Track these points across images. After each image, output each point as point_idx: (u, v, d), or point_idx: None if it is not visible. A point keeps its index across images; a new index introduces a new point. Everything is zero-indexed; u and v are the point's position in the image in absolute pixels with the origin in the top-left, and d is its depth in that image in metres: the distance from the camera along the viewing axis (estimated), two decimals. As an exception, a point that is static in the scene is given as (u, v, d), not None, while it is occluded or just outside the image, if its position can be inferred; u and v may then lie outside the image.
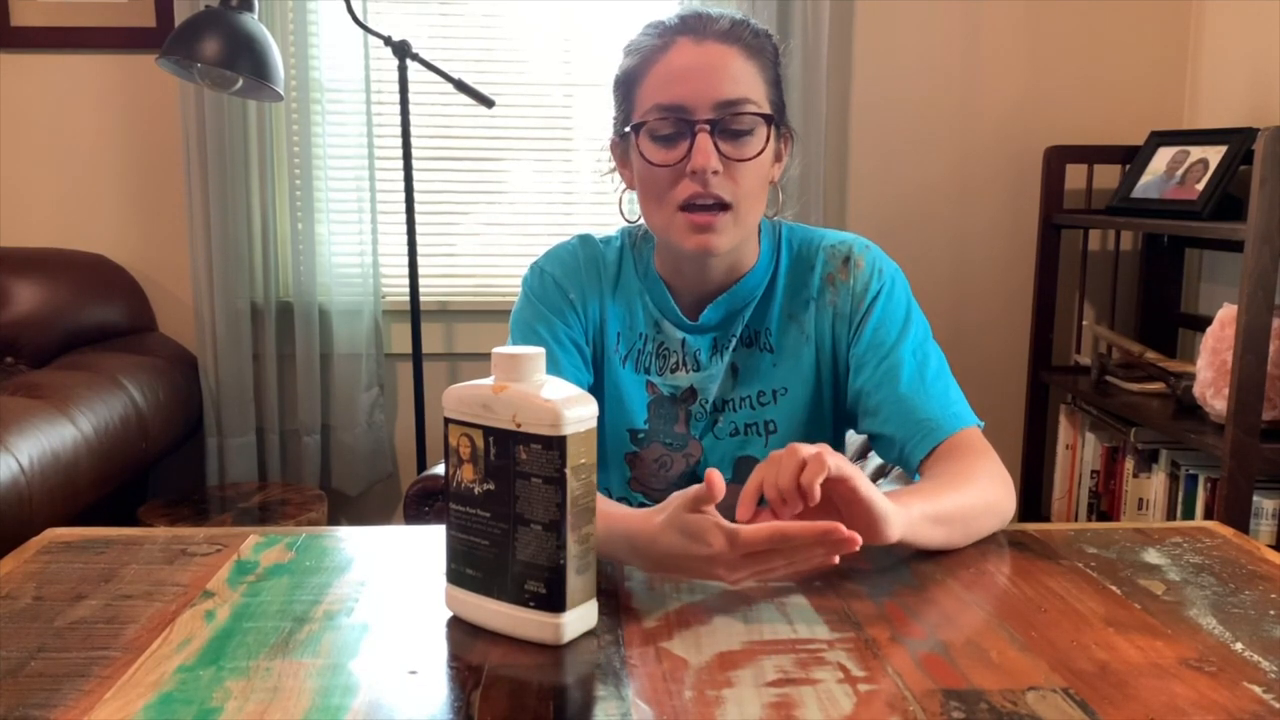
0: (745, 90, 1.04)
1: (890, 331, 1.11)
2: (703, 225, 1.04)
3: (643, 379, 1.16)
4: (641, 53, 1.08)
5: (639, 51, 1.08)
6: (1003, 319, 2.62)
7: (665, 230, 1.07)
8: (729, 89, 1.03)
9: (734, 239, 1.06)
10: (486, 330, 2.55)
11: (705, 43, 1.05)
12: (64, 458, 1.80)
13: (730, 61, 1.04)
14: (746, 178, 1.05)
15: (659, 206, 1.07)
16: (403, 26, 2.45)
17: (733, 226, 1.05)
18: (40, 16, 2.40)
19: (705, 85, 1.03)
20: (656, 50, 1.06)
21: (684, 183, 1.04)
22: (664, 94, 1.04)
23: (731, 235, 1.06)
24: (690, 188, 1.03)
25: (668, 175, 1.05)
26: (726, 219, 1.05)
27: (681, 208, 1.05)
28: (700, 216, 1.04)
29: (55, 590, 0.85)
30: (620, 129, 1.12)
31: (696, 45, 1.04)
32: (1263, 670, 0.72)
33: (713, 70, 1.03)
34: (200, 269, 2.39)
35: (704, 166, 1.02)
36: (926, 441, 1.04)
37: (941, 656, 0.74)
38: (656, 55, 1.06)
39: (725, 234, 1.05)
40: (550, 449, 0.73)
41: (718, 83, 1.03)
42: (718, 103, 1.03)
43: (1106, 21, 2.53)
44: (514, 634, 0.77)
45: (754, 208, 1.07)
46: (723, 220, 1.05)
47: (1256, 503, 1.82)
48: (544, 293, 1.16)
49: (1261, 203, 1.72)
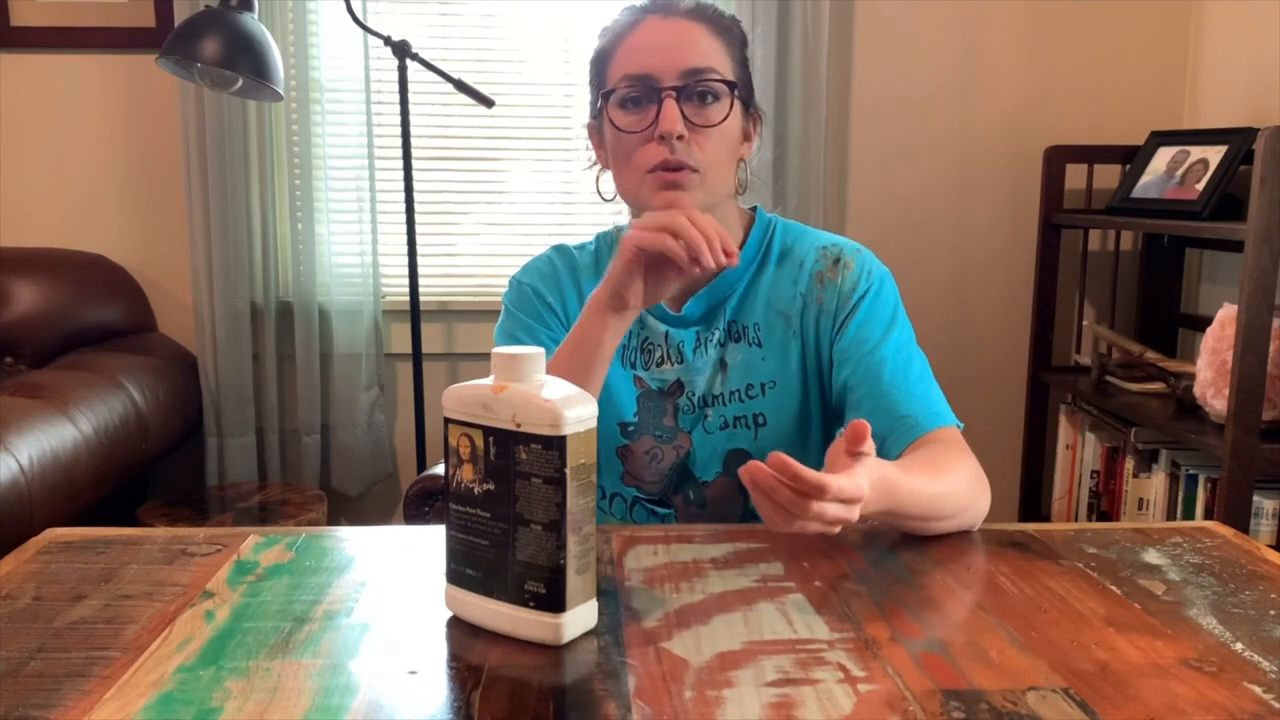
0: (711, 61, 1.08)
1: (875, 330, 1.12)
2: (670, 183, 1.07)
3: (630, 373, 1.18)
4: (613, 32, 1.12)
5: (611, 31, 1.12)
6: (1003, 319, 2.62)
7: (635, 193, 1.10)
8: (695, 58, 1.07)
9: (701, 202, 1.08)
10: (486, 330, 2.54)
11: (673, 18, 1.09)
12: (64, 458, 1.80)
13: (697, 35, 1.09)
14: (712, 144, 1.08)
15: (629, 171, 1.09)
16: (403, 26, 2.45)
17: (700, 188, 1.08)
18: (40, 16, 2.40)
19: (672, 55, 1.07)
20: (627, 28, 1.11)
21: (651, 146, 1.07)
22: (632, 64, 1.08)
23: (699, 197, 1.08)
24: (659, 153, 1.06)
25: (636, 140, 1.08)
26: (695, 178, 1.07)
27: (649, 171, 1.07)
28: (669, 175, 1.07)
29: (55, 590, 0.85)
30: (595, 108, 1.14)
31: (664, 21, 1.09)
32: (1263, 670, 0.72)
33: (680, 41, 1.08)
34: (200, 269, 2.39)
35: (670, 130, 1.05)
36: (906, 436, 1.05)
37: (941, 656, 0.74)
38: (626, 32, 1.10)
39: (693, 192, 1.07)
40: (550, 449, 0.73)
41: (684, 52, 1.07)
42: (684, 70, 1.06)
43: (1106, 21, 2.53)
44: (514, 634, 0.77)
45: (722, 176, 1.10)
46: (691, 179, 1.07)
47: (1256, 503, 1.82)
48: (522, 302, 1.20)
49: (1261, 203, 1.72)
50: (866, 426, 0.81)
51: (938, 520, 0.97)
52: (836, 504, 0.78)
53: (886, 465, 0.89)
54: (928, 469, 0.96)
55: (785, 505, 0.77)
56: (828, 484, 0.76)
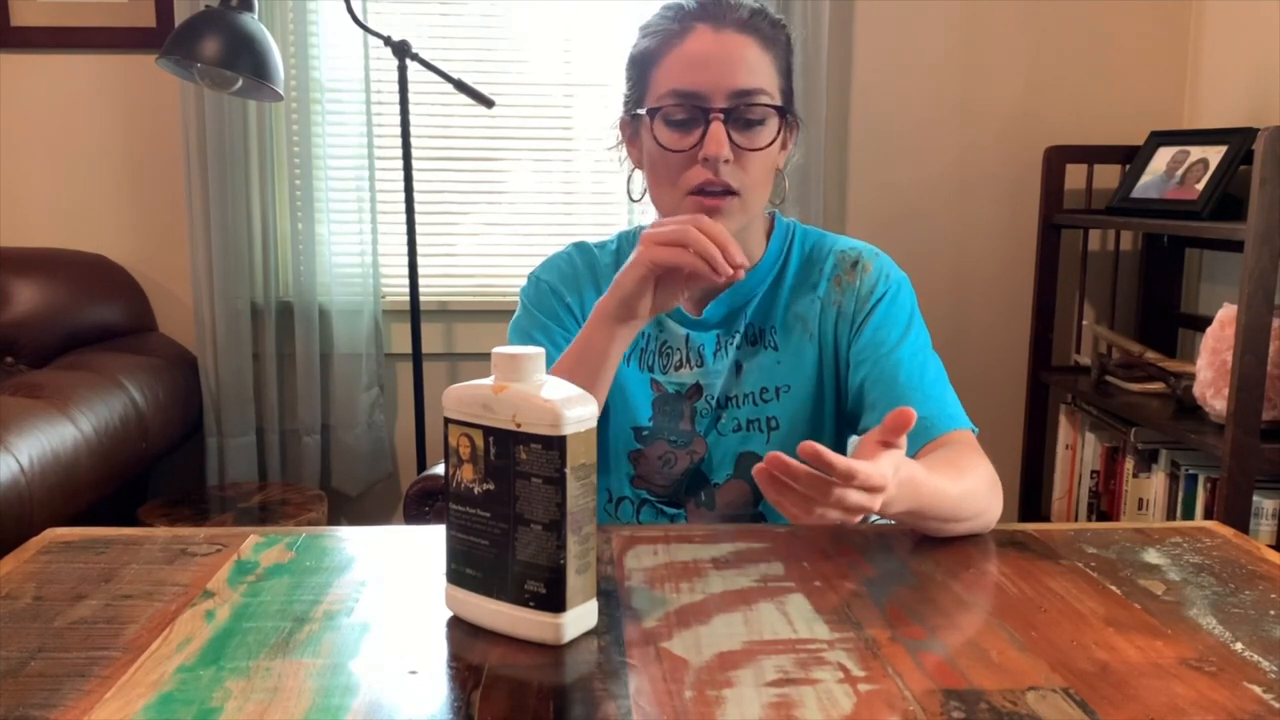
0: (760, 81, 1.05)
1: (892, 332, 1.11)
2: (711, 208, 1.05)
3: (647, 377, 1.17)
4: (659, 35, 1.08)
5: (657, 33, 1.08)
6: (1003, 319, 2.62)
7: (673, 209, 1.09)
8: (745, 79, 1.04)
9: (738, 223, 1.08)
10: (486, 330, 2.55)
11: (724, 31, 1.05)
12: (64, 458, 1.80)
13: (747, 51, 1.05)
14: (755, 166, 1.06)
15: (669, 190, 1.08)
16: (403, 26, 2.45)
17: (739, 212, 1.07)
18: (40, 16, 2.40)
19: (722, 74, 1.04)
20: (674, 35, 1.07)
21: (695, 168, 1.05)
22: (680, 80, 1.05)
23: (737, 219, 1.07)
24: (702, 174, 1.05)
25: (680, 160, 1.06)
26: (734, 203, 1.06)
27: (692, 192, 1.06)
28: (710, 200, 1.06)
29: (55, 590, 0.85)
30: (632, 109, 1.12)
31: (715, 33, 1.05)
32: (1263, 670, 0.72)
33: (730, 59, 1.04)
34: (200, 269, 2.39)
35: (717, 155, 1.03)
36: (921, 438, 1.04)
37: (941, 656, 0.74)
38: (674, 40, 1.07)
39: (732, 218, 1.07)
40: (550, 449, 0.73)
41: (734, 72, 1.04)
42: (733, 92, 1.04)
43: (1106, 21, 2.53)
44: (514, 634, 0.77)
45: (759, 195, 1.09)
46: (730, 205, 1.06)
47: (1256, 503, 1.82)
48: (540, 300, 1.18)
49: (1261, 203, 1.72)
50: (912, 414, 0.80)
51: (957, 522, 0.96)
52: (859, 491, 0.77)
53: (913, 464, 0.88)
54: (949, 470, 0.96)
55: (807, 491, 0.76)
56: (856, 470, 0.75)
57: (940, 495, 0.92)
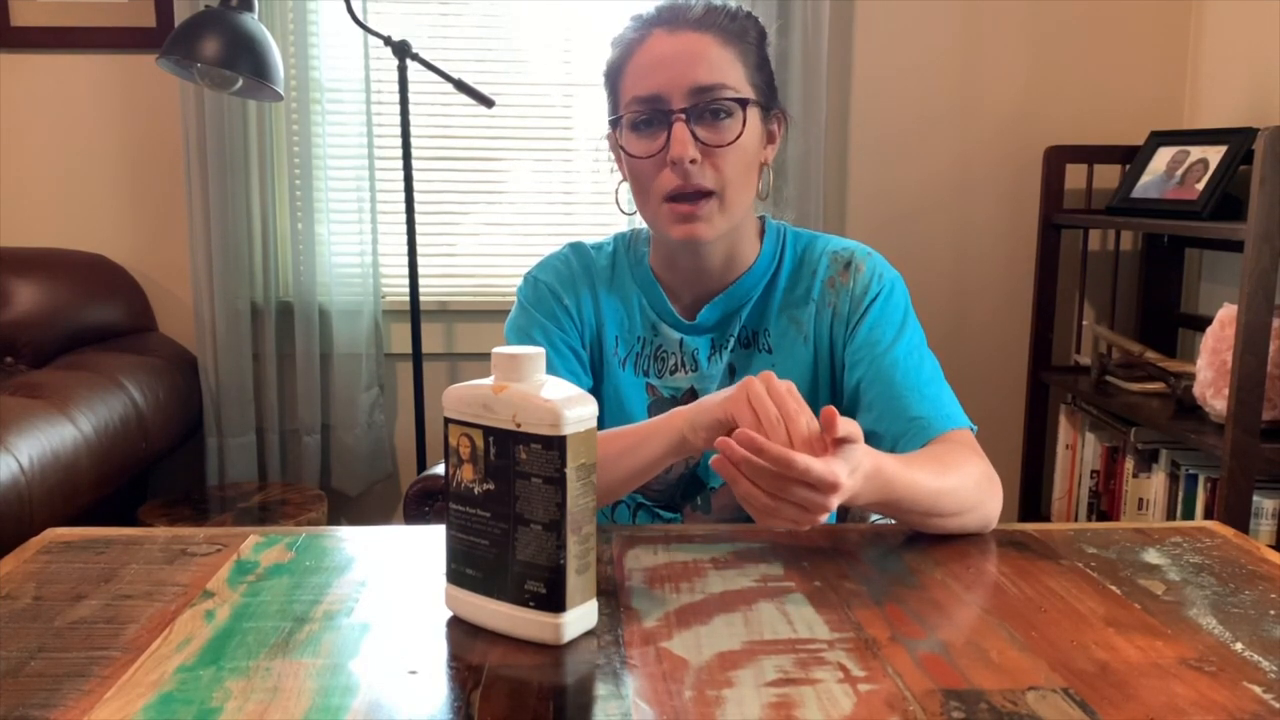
0: (720, 76, 1.04)
1: (886, 332, 1.11)
2: (687, 214, 1.05)
3: (642, 381, 1.16)
4: (623, 45, 1.09)
5: (621, 43, 1.09)
6: (1003, 319, 2.62)
7: (654, 222, 1.09)
8: (704, 75, 1.03)
9: (722, 226, 1.07)
10: (486, 330, 2.55)
11: (679, 32, 1.05)
12: (64, 458, 1.80)
13: (705, 48, 1.04)
14: (729, 163, 1.05)
15: (646, 199, 1.08)
16: (403, 26, 2.45)
17: (719, 214, 1.06)
18: (40, 16, 2.40)
19: (679, 73, 1.03)
20: (634, 43, 1.07)
21: (666, 173, 1.05)
22: (640, 85, 1.05)
23: (719, 222, 1.06)
24: (673, 179, 1.04)
25: (650, 166, 1.06)
26: (711, 206, 1.05)
27: (667, 199, 1.05)
28: (684, 206, 1.05)
29: (55, 590, 0.85)
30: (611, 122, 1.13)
31: (670, 35, 1.05)
32: (1263, 670, 0.72)
33: (685, 58, 1.04)
34: (200, 269, 2.39)
35: (681, 156, 1.02)
36: (918, 438, 1.04)
37: (941, 656, 0.74)
38: (634, 47, 1.07)
39: (712, 221, 1.05)
40: (550, 449, 0.73)
41: (691, 70, 1.03)
42: (691, 89, 1.03)
43: (1106, 21, 2.53)
44: (514, 634, 0.77)
45: (741, 193, 1.07)
46: (707, 208, 1.05)
47: (1256, 503, 1.82)
48: (538, 300, 1.17)
49: (1261, 203, 1.72)
50: (834, 412, 0.80)
51: (939, 517, 0.96)
52: (804, 487, 0.79)
53: (884, 457, 0.88)
54: (931, 464, 0.95)
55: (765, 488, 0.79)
56: (793, 460, 0.77)
57: (915, 488, 0.92)
